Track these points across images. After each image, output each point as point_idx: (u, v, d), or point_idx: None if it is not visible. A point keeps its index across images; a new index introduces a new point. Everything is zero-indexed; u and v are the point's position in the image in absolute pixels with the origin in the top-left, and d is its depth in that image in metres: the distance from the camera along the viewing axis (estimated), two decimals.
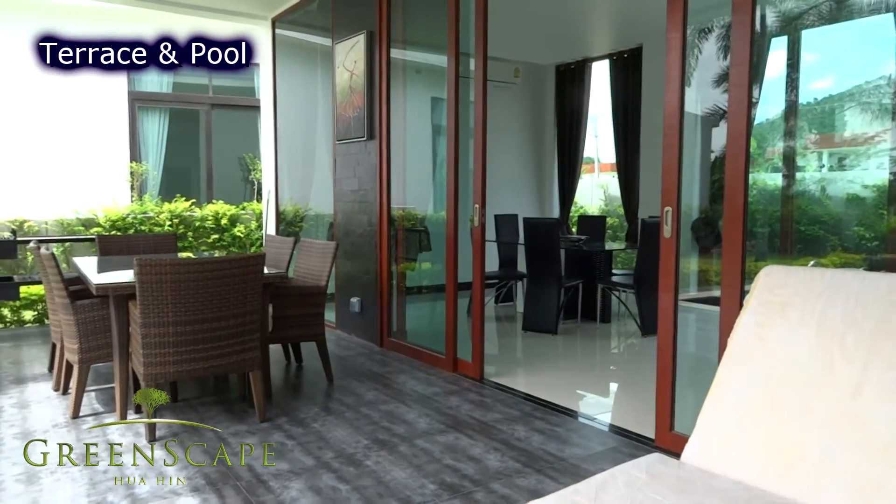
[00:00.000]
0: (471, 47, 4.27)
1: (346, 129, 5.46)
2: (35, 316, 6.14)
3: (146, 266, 3.02)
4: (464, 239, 4.45)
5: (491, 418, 3.49)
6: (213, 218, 7.77)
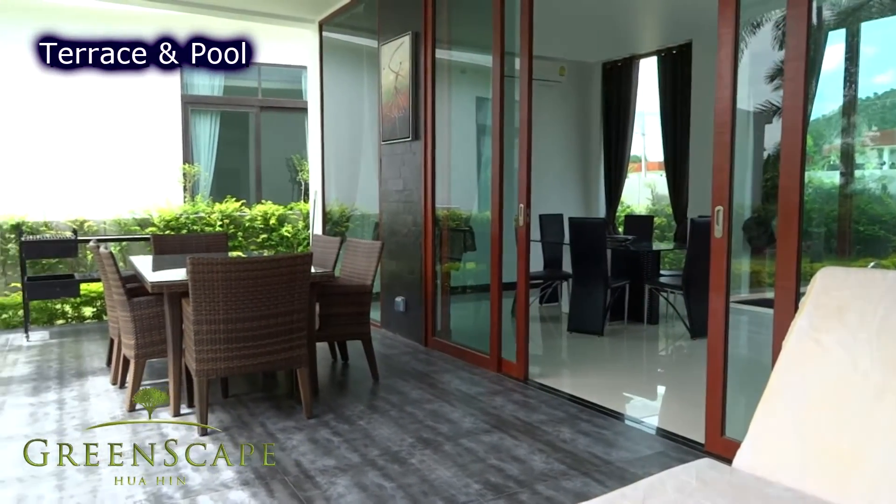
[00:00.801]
0: (516, 46, 4.25)
1: (391, 130, 5.50)
2: (94, 312, 6.38)
3: (199, 265, 3.11)
4: (508, 239, 4.43)
5: (535, 419, 3.47)
6: (261, 218, 7.94)
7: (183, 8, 6.62)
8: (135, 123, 8.43)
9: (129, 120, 8.40)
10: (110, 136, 8.29)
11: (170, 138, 8.66)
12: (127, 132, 8.37)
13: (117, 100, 8.36)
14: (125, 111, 8.39)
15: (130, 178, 8.16)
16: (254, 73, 9.29)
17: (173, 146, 8.69)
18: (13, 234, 6.84)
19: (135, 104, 8.46)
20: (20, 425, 3.40)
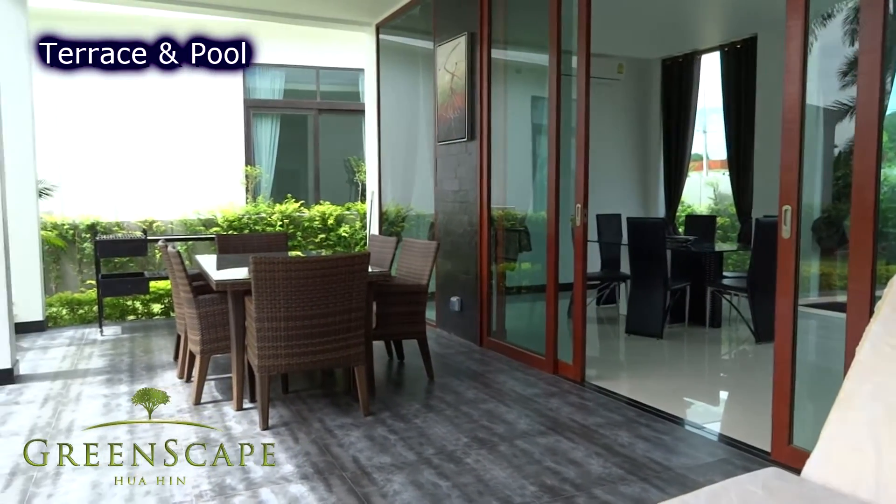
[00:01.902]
0: (573, 44, 4.20)
1: (447, 131, 5.53)
2: (162, 308, 6.65)
3: (261, 264, 3.20)
4: (564, 239, 4.38)
5: (592, 422, 3.42)
6: (320, 218, 8.10)
7: (240, 14, 6.81)
8: (200, 127, 8.75)
9: (194, 124, 8.72)
10: (177, 140, 8.62)
11: (233, 141, 8.95)
12: (193, 136, 8.69)
13: (184, 105, 8.69)
14: (191, 116, 8.71)
15: (196, 180, 8.46)
16: (312, 77, 9.50)
17: (236, 149, 8.97)
18: (88, 233, 7.20)
19: (200, 109, 8.77)
20: (95, 416, 3.57)
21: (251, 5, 6.41)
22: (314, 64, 9.32)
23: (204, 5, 6.35)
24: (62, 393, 4.01)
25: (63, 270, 7.27)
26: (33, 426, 3.41)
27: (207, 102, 8.76)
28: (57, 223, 7.15)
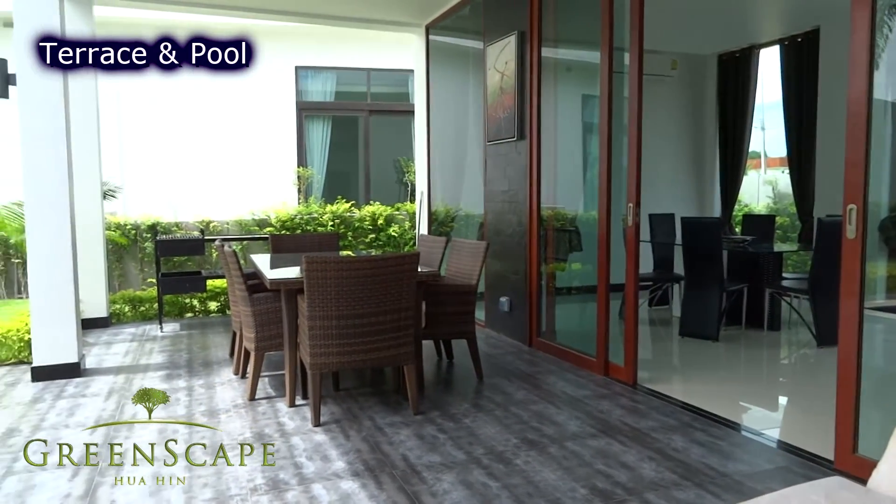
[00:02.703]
0: (625, 41, 4.13)
1: (496, 131, 5.51)
2: (218, 306, 6.84)
3: (313, 263, 3.26)
4: (616, 239, 4.31)
5: (645, 426, 3.35)
6: (370, 218, 8.19)
7: (291, 18, 6.95)
8: (254, 130, 8.97)
9: (249, 127, 8.95)
10: (233, 142, 8.86)
11: (286, 143, 9.14)
12: (248, 139, 8.92)
13: (239, 108, 8.93)
14: (246, 119, 8.94)
15: (250, 181, 8.68)
16: (363, 78, 9.62)
17: (289, 150, 9.16)
18: (149, 233, 7.47)
19: (255, 112, 8.99)
20: (156, 409, 3.70)
21: (303, 9, 6.53)
22: (365, 66, 9.44)
23: (253, 10, 6.50)
24: (125, 387, 4.17)
25: (126, 269, 7.56)
26: (98, 418, 3.56)
27: (261, 105, 8.98)
28: (120, 223, 7.44)
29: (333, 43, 9.10)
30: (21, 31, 4.19)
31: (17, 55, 4.20)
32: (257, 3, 6.30)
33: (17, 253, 7.39)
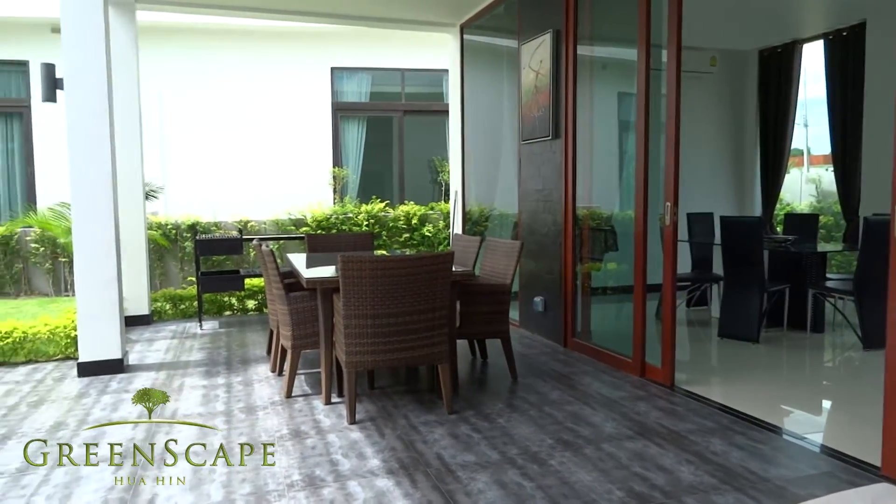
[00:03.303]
0: (662, 38, 4.06)
1: (531, 129, 5.48)
2: (256, 305, 6.95)
3: (349, 262, 3.29)
4: (653, 239, 4.25)
5: (683, 428, 3.30)
6: (404, 218, 8.23)
7: (328, 20, 7.02)
8: (291, 131, 9.09)
9: (286, 128, 9.08)
10: (270, 143, 9.00)
11: (321, 143, 9.25)
12: (284, 140, 9.05)
13: (276, 110, 9.06)
14: (283, 120, 9.07)
15: (287, 181, 8.81)
16: (398, 79, 9.67)
17: (324, 151, 9.27)
18: (189, 233, 7.63)
19: (291, 113, 9.12)
20: (195, 405, 3.78)
21: (338, 10, 6.59)
22: (399, 66, 9.49)
23: (290, 12, 6.59)
24: (166, 383, 4.27)
25: (166, 268, 7.74)
26: (140, 413, 3.65)
27: (298, 106, 9.10)
28: (161, 223, 7.63)
29: (368, 44, 9.17)
30: (69, 37, 4.32)
31: (65, 60, 4.33)
32: (294, 6, 6.38)
33: (64, 252, 7.63)
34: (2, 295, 7.81)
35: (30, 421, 3.54)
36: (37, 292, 7.94)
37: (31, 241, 7.86)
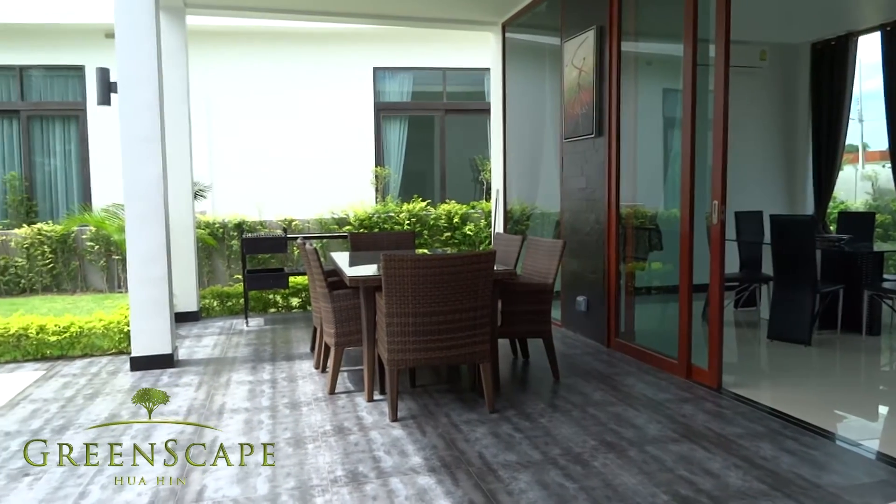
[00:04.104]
0: (710, 32, 3.97)
1: (573, 127, 5.43)
2: (300, 302, 7.07)
3: (391, 261, 3.31)
4: (699, 238, 4.16)
5: (731, 432, 3.22)
6: (445, 217, 8.25)
7: (370, 21, 7.08)
8: (334, 131, 9.21)
9: (329, 129, 9.20)
10: (314, 144, 9.14)
11: (364, 143, 9.34)
12: (328, 140, 9.18)
13: (320, 111, 9.19)
14: (327, 121, 9.20)
15: (330, 181, 8.93)
16: (439, 78, 9.70)
17: (367, 150, 9.36)
18: (235, 231, 7.80)
19: (335, 114, 9.24)
20: (242, 400, 3.87)
21: (381, 11, 6.65)
22: (441, 65, 9.52)
23: (334, 13, 6.67)
24: (214, 378, 4.38)
25: (214, 265, 7.94)
26: (190, 407, 3.76)
27: (341, 107, 9.21)
28: (209, 222, 7.82)
29: (410, 43, 9.22)
30: (122, 42, 4.46)
31: (119, 65, 4.48)
32: (338, 8, 6.46)
33: (118, 250, 7.90)
34: (60, 291, 8.13)
35: (85, 413, 3.68)
36: (92, 289, 8.23)
37: (87, 240, 8.15)
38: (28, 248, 8.02)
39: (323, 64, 9.15)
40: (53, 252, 8.08)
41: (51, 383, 4.29)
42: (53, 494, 2.67)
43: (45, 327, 4.94)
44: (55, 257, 8.09)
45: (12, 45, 8.64)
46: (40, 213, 8.96)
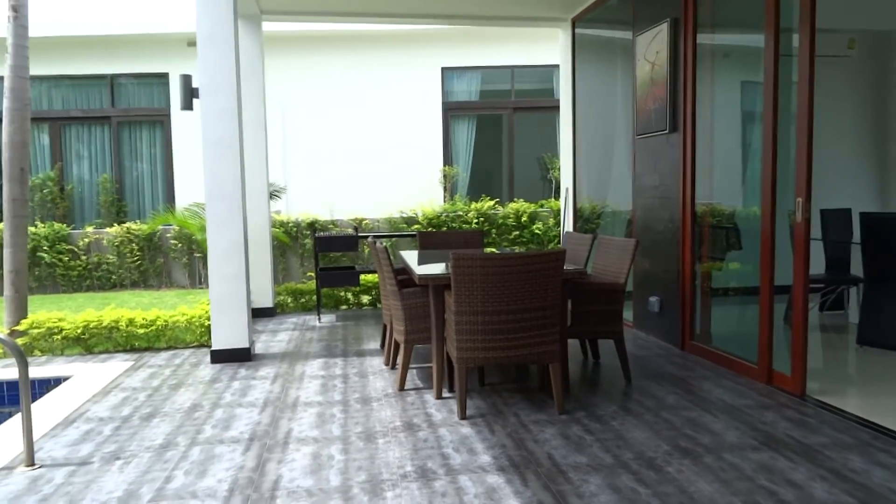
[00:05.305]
0: (793, 20, 3.78)
1: (646, 123, 5.29)
2: (370, 300, 7.19)
3: (460, 260, 3.32)
4: (781, 237, 3.97)
5: (816, 441, 3.06)
6: (513, 215, 8.21)
7: (440, 21, 7.11)
8: (403, 131, 9.33)
9: (399, 129, 9.32)
10: (384, 144, 9.28)
11: (432, 143, 9.42)
12: (397, 140, 9.30)
13: (390, 111, 9.32)
14: (396, 121, 9.32)
15: (399, 180, 9.05)
16: (507, 76, 9.66)
17: (435, 150, 9.43)
18: (308, 230, 8.02)
19: (404, 114, 9.35)
20: (315, 394, 3.98)
21: (451, 12, 6.68)
22: (508, 63, 9.48)
23: (405, 15, 6.74)
24: (288, 372, 4.52)
25: (288, 263, 8.19)
26: (266, 399, 3.89)
27: (410, 107, 9.32)
28: (283, 221, 8.08)
29: (478, 42, 9.22)
30: (203, 50, 4.66)
31: (200, 71, 4.68)
32: (408, 9, 6.53)
33: (199, 248, 8.27)
34: (146, 286, 8.59)
35: (170, 402, 3.87)
36: (175, 284, 8.66)
37: (171, 238, 8.58)
38: (118, 246, 8.52)
39: (392, 66, 9.28)
40: (141, 250, 8.54)
41: (139, 373, 4.53)
42: (142, 478, 2.82)
43: (133, 320, 5.23)
44: (142, 255, 8.55)
45: (103, 56, 9.19)
46: (129, 213, 9.49)
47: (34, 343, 5.14)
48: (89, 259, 8.54)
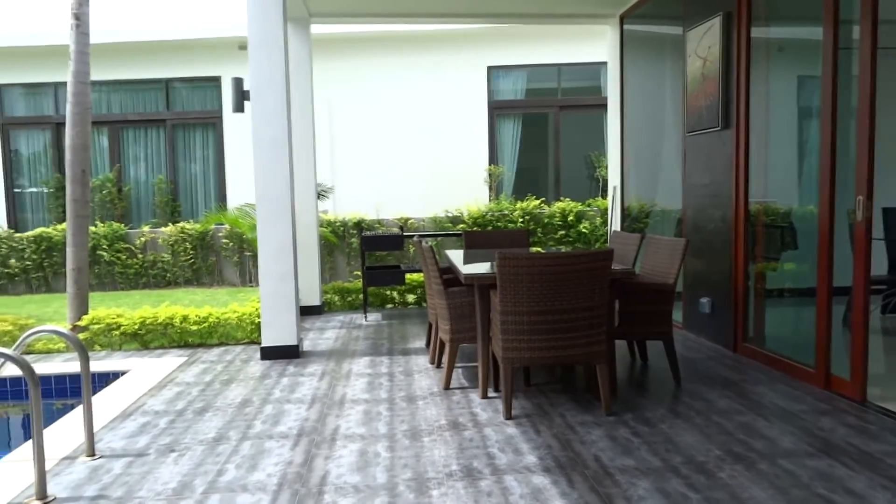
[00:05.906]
0: (853, 12, 3.64)
1: (696, 120, 5.17)
2: (415, 298, 7.23)
3: (506, 259, 3.31)
4: (840, 236, 3.83)
5: (877, 449, 2.94)
6: (560, 215, 8.14)
7: (486, 20, 7.10)
8: (449, 131, 9.35)
9: (444, 128, 9.35)
10: (429, 144, 9.32)
11: (478, 142, 9.41)
12: (443, 139, 9.33)
13: (436, 111, 9.36)
14: (442, 121, 9.35)
15: (444, 180, 9.07)
16: (553, 74, 9.57)
17: (480, 149, 9.42)
18: (355, 230, 8.12)
19: (450, 113, 9.37)
20: (362, 392, 4.02)
21: (497, 11, 6.66)
22: (555, 61, 9.39)
23: (452, 15, 6.75)
24: (335, 369, 4.59)
25: (335, 262, 8.31)
26: (314, 396, 3.96)
27: (456, 107, 9.33)
28: (330, 221, 8.20)
29: (524, 41, 9.17)
30: (254, 53, 4.77)
31: (251, 74, 4.79)
32: (455, 9, 6.54)
33: (250, 247, 8.47)
34: (199, 284, 8.84)
35: (222, 397, 3.98)
36: (227, 282, 8.89)
37: (223, 237, 8.81)
38: (173, 245, 8.79)
39: (438, 66, 9.31)
40: (194, 248, 8.80)
41: (192, 368, 4.67)
42: (195, 470, 2.90)
43: (187, 317, 5.40)
44: (195, 253, 8.81)
45: (158, 61, 9.49)
46: (183, 213, 9.78)
47: (94, 338, 5.35)
48: (145, 257, 8.85)
